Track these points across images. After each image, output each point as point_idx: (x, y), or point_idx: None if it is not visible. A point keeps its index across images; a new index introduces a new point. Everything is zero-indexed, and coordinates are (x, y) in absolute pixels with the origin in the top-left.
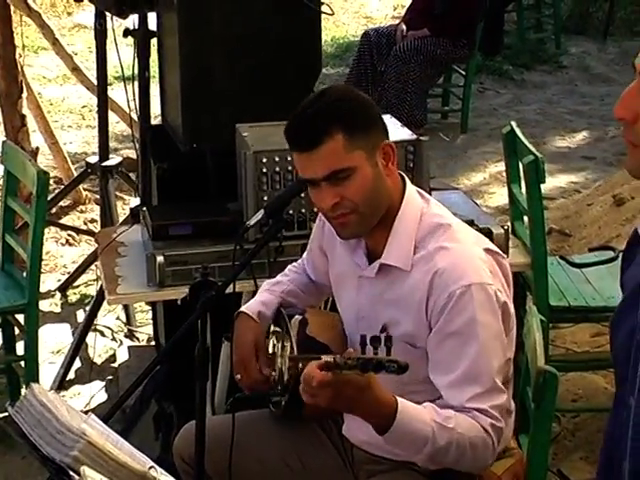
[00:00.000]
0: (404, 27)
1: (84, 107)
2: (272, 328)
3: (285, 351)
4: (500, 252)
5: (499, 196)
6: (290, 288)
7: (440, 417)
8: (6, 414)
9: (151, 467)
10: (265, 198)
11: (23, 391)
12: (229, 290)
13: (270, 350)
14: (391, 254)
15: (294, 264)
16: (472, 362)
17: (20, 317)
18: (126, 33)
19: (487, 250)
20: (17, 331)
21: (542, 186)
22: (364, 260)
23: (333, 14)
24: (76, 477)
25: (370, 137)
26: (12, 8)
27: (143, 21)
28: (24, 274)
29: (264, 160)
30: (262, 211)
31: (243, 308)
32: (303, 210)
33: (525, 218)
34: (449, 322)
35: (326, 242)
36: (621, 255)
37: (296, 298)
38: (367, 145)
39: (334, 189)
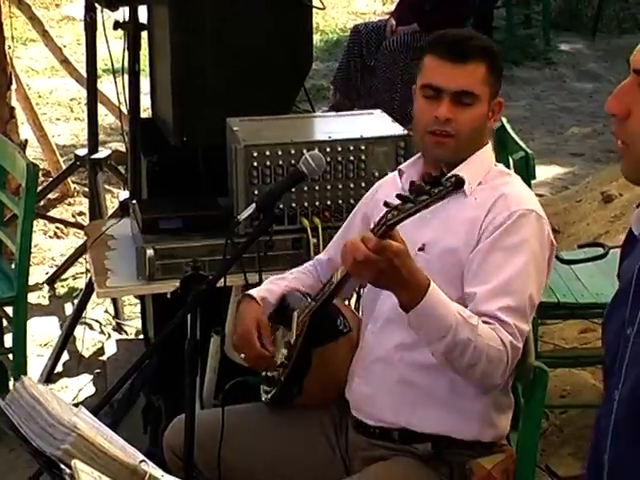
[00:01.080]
0: (394, 22)
1: (72, 100)
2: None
3: (289, 335)
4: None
5: None
6: (294, 285)
7: (466, 313)
8: None
9: (142, 461)
10: (256, 192)
11: (11, 384)
12: (220, 284)
13: (271, 349)
14: (463, 170)
15: (300, 267)
16: (513, 276)
17: (8, 310)
18: (116, 26)
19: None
20: (5, 323)
21: (531, 182)
22: None
23: (324, 8)
24: (67, 470)
25: (497, 85)
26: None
27: (133, 14)
28: (12, 266)
29: (255, 154)
30: (253, 205)
31: (247, 292)
32: (294, 205)
33: None
34: (504, 236)
35: (372, 207)
36: (620, 250)
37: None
38: (493, 89)
39: (453, 107)
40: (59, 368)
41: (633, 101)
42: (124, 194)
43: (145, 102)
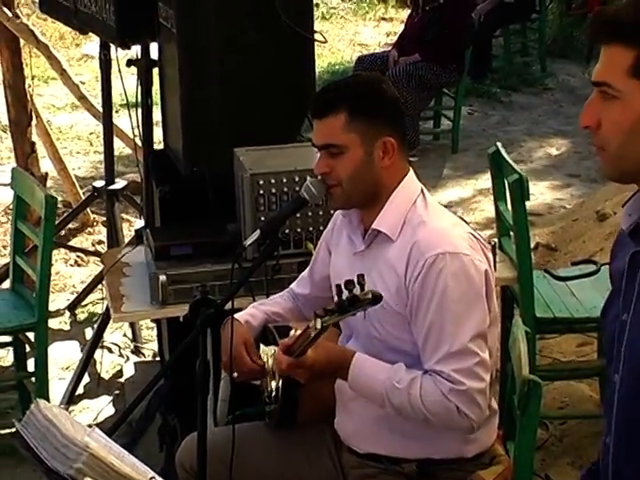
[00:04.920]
0: (396, 53)
1: (92, 134)
2: (262, 346)
3: (273, 360)
4: (484, 242)
5: (488, 212)
6: (274, 309)
7: (397, 377)
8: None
9: (152, 477)
10: (262, 218)
11: None
12: (228, 307)
13: (260, 362)
14: (381, 221)
15: (278, 294)
16: (442, 326)
17: (31, 335)
18: (129, 63)
19: (470, 233)
20: (28, 349)
21: (529, 202)
22: (359, 238)
23: (326, 42)
24: None
25: (371, 127)
26: (21, 40)
27: (145, 51)
28: (34, 294)
29: (261, 182)
30: (258, 231)
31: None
32: (299, 229)
33: (511, 234)
34: (423, 289)
35: (334, 239)
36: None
37: (280, 317)
38: (366, 133)
39: (327, 160)
40: (80, 390)
41: (600, 111)
42: (139, 223)
43: (159, 134)
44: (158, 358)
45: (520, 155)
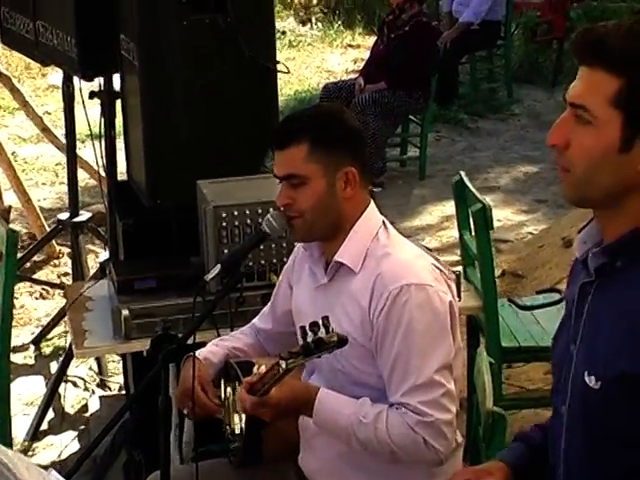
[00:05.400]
0: (362, 81)
1: (57, 165)
2: (222, 381)
3: (235, 396)
4: (447, 273)
5: (455, 238)
6: (235, 345)
7: (362, 412)
8: None
9: None
10: (225, 251)
11: None
12: (191, 341)
13: (222, 396)
14: (343, 253)
15: (239, 330)
16: (408, 359)
17: None
18: (92, 95)
19: (434, 265)
20: None
21: (496, 226)
22: (321, 271)
23: (289, 72)
24: None
25: (333, 157)
26: None
27: (108, 83)
28: None
29: (223, 215)
30: (219, 265)
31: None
32: (262, 261)
33: (476, 263)
34: (389, 322)
35: (295, 273)
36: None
37: (241, 352)
38: (328, 163)
39: (289, 191)
40: (44, 426)
41: (571, 132)
42: (104, 255)
43: (123, 165)
44: (124, 391)
45: (487, 181)
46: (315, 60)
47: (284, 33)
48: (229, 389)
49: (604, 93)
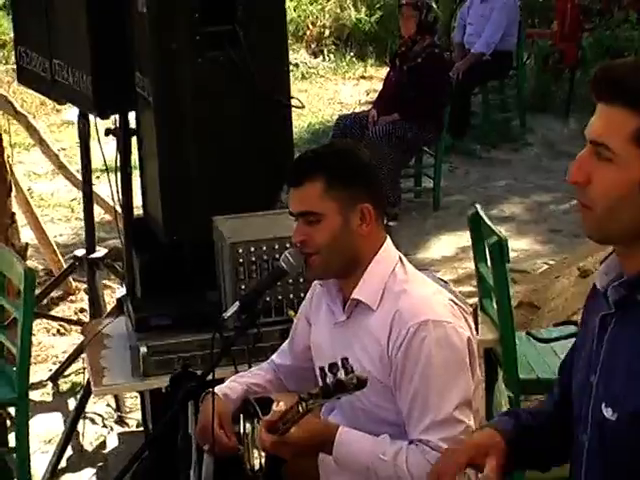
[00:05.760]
0: (375, 113)
1: (73, 200)
2: (241, 418)
3: (255, 432)
4: (465, 308)
5: (470, 270)
6: (254, 381)
7: (382, 449)
8: None
9: None
10: (242, 287)
11: None
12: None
13: (241, 433)
14: (361, 290)
15: (257, 367)
16: (426, 396)
17: (12, 409)
18: (107, 132)
19: (452, 300)
20: (9, 423)
21: (512, 258)
22: (339, 308)
23: (303, 107)
24: None
25: (348, 194)
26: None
27: (123, 120)
28: (14, 368)
29: (240, 251)
30: (237, 303)
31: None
32: (280, 297)
33: (493, 295)
34: (407, 359)
35: (313, 309)
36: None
37: (260, 389)
38: (343, 200)
39: (305, 228)
40: (63, 464)
41: (591, 169)
42: (121, 291)
43: (139, 199)
44: (142, 428)
45: (501, 211)
46: (328, 92)
47: (296, 65)
48: (248, 425)
49: (624, 131)
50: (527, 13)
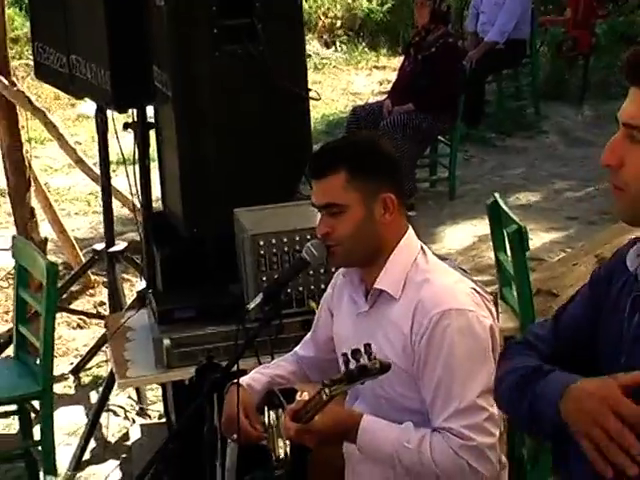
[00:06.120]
0: (389, 103)
1: (90, 194)
2: (266, 408)
3: (280, 422)
4: (487, 296)
5: (488, 259)
6: (277, 372)
7: (406, 437)
8: None
9: None
10: (264, 279)
11: (41, 475)
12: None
13: (266, 423)
14: (383, 280)
15: (281, 357)
16: (450, 384)
17: (36, 403)
18: (126, 126)
19: (474, 289)
20: (33, 415)
21: (530, 246)
22: (362, 299)
23: (320, 99)
24: None
25: (371, 185)
26: (17, 107)
27: (142, 114)
28: (38, 361)
29: (261, 243)
30: (261, 295)
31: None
32: (301, 288)
33: (513, 284)
34: (430, 348)
35: (335, 300)
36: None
37: (284, 380)
38: (366, 190)
39: (328, 219)
40: (87, 456)
41: (625, 152)
42: (141, 284)
43: (156, 191)
44: (164, 419)
45: (517, 199)
46: (341, 83)
47: (309, 56)
48: (273, 416)
49: None
50: (540, 1)
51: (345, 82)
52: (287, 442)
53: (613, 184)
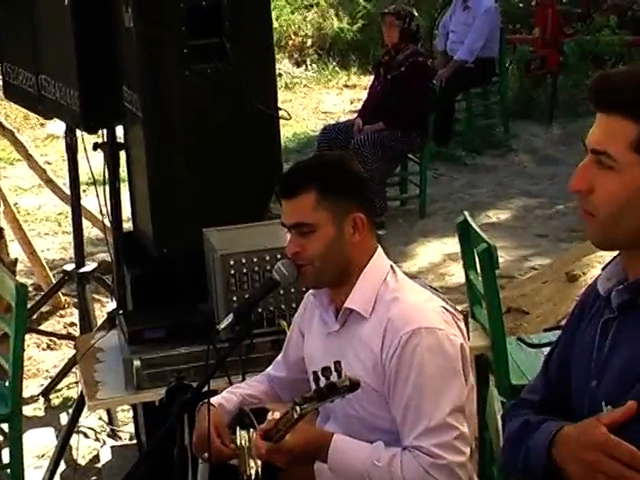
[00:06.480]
0: (360, 121)
1: (60, 214)
2: (238, 429)
3: (251, 442)
4: (457, 314)
5: (458, 277)
6: (249, 392)
7: (376, 456)
8: None
9: None
10: (234, 298)
11: None
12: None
13: (237, 443)
14: (354, 300)
15: (252, 378)
16: (420, 402)
17: (4, 426)
18: (95, 147)
19: (444, 307)
20: (1, 438)
21: (499, 264)
22: (332, 318)
23: (290, 118)
24: None
25: (341, 204)
26: None
27: (111, 134)
28: (7, 383)
29: (232, 262)
30: (231, 315)
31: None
32: (272, 308)
33: (483, 301)
34: (399, 365)
35: (306, 320)
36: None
37: (256, 400)
38: (336, 210)
39: (298, 239)
40: (57, 478)
41: (594, 178)
42: (110, 304)
43: (128, 211)
44: (135, 441)
45: (487, 217)
46: (312, 101)
47: (280, 75)
48: (244, 435)
49: (625, 139)
50: (508, 19)
51: (316, 101)
52: (258, 462)
53: (583, 209)
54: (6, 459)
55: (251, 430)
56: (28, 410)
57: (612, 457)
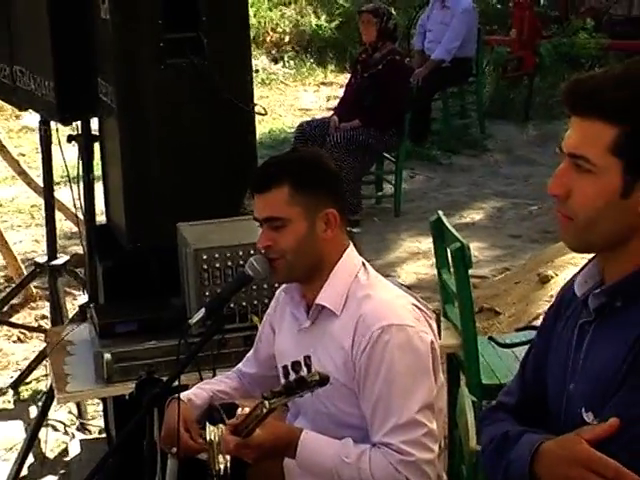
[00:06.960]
0: (336, 119)
1: (33, 206)
2: (207, 424)
3: (220, 437)
4: (428, 312)
5: (432, 276)
6: (219, 388)
7: (345, 452)
8: None
9: None
10: (207, 293)
11: None
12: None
13: (207, 438)
14: (325, 296)
15: (225, 373)
16: (388, 399)
17: None
18: (70, 139)
19: (414, 305)
20: None
21: (472, 263)
22: (303, 315)
23: (266, 114)
24: None
25: (314, 199)
26: None
27: (86, 127)
28: None
29: (204, 257)
30: (203, 310)
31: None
32: (244, 303)
33: (455, 300)
34: (370, 362)
35: (277, 316)
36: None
37: (226, 395)
38: (309, 205)
39: (270, 233)
40: (24, 472)
41: (571, 182)
42: (83, 298)
43: (101, 204)
44: (105, 434)
45: (461, 217)
46: (288, 98)
47: (256, 71)
48: (213, 431)
49: (602, 142)
50: (485, 20)
51: (292, 98)
52: (227, 457)
53: (561, 213)
54: None
55: (220, 425)
56: None
57: (597, 473)
